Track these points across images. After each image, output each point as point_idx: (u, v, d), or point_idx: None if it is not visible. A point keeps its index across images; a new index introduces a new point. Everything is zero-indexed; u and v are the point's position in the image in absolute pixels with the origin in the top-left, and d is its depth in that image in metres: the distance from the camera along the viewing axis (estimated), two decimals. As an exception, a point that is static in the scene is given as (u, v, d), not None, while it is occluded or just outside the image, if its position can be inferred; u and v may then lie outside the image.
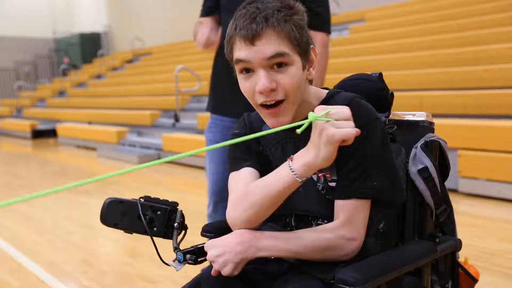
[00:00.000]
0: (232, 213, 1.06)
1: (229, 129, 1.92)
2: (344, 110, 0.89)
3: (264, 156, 1.14)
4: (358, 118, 0.98)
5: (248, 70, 1.00)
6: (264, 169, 1.11)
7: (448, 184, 1.20)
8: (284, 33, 0.97)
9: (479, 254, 2.61)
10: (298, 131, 0.88)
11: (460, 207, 3.55)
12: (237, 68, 1.02)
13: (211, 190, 1.99)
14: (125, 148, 7.65)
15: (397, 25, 7.09)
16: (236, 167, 1.14)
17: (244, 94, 1.04)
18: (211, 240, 1.04)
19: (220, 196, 1.94)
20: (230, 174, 1.15)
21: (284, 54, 0.97)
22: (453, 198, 1.16)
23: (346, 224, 0.99)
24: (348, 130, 0.87)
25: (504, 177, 3.63)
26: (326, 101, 1.07)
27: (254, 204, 1.01)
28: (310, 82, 1.08)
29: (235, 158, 1.15)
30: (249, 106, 1.21)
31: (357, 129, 0.88)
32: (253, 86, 0.99)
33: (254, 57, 0.97)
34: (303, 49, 1.01)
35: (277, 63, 0.97)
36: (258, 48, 0.96)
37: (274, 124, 1.01)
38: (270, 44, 0.96)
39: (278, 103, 0.99)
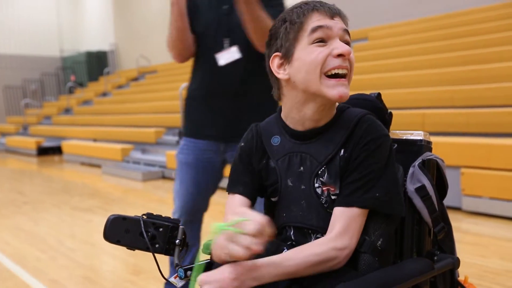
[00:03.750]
0: None
1: (203, 151, 1.94)
2: (251, 224, 0.84)
3: (267, 169, 1.16)
4: (368, 133, 1.05)
5: (322, 40, 1.05)
6: (269, 181, 1.16)
7: (451, 202, 1.21)
8: (347, 25, 1.10)
9: (482, 273, 2.60)
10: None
11: (463, 225, 3.54)
12: (310, 38, 1.05)
13: (182, 209, 1.96)
14: (129, 166, 7.69)
15: (400, 43, 7.16)
16: (232, 189, 1.18)
17: (310, 65, 1.04)
18: (204, 274, 0.96)
19: (191, 216, 1.95)
20: (228, 195, 1.19)
21: (349, 35, 1.09)
22: (456, 216, 1.17)
23: (341, 235, 1.01)
24: (236, 250, 0.85)
25: (507, 196, 3.63)
26: (338, 114, 1.11)
27: None
28: None
29: (233, 176, 1.19)
30: (225, 129, 1.22)
31: (247, 251, 0.85)
32: (327, 53, 1.04)
33: (335, 26, 1.06)
34: None
35: (346, 41, 1.07)
36: (337, 21, 1.07)
37: (341, 93, 1.03)
38: (343, 23, 1.08)
39: (344, 75, 1.05)
